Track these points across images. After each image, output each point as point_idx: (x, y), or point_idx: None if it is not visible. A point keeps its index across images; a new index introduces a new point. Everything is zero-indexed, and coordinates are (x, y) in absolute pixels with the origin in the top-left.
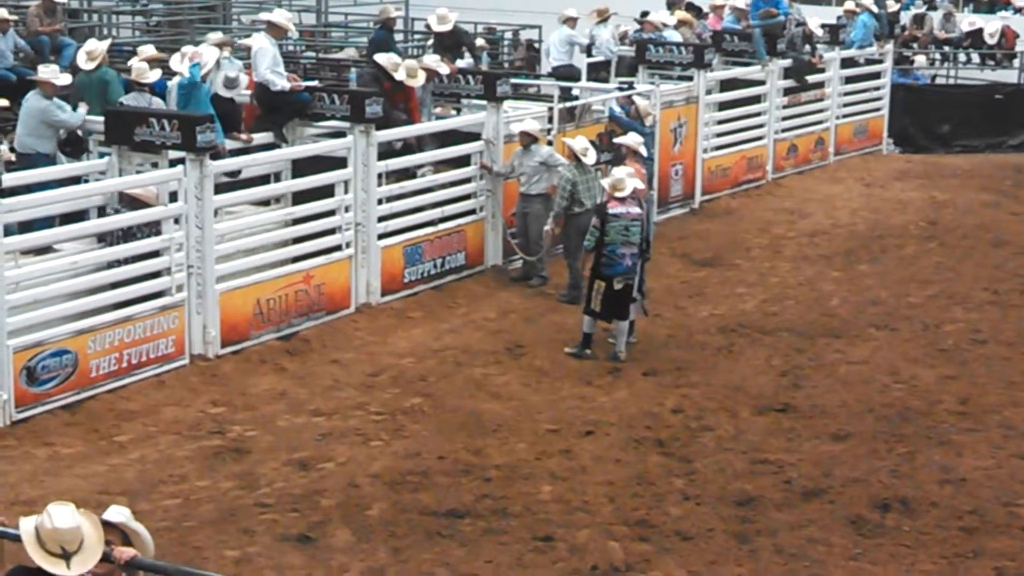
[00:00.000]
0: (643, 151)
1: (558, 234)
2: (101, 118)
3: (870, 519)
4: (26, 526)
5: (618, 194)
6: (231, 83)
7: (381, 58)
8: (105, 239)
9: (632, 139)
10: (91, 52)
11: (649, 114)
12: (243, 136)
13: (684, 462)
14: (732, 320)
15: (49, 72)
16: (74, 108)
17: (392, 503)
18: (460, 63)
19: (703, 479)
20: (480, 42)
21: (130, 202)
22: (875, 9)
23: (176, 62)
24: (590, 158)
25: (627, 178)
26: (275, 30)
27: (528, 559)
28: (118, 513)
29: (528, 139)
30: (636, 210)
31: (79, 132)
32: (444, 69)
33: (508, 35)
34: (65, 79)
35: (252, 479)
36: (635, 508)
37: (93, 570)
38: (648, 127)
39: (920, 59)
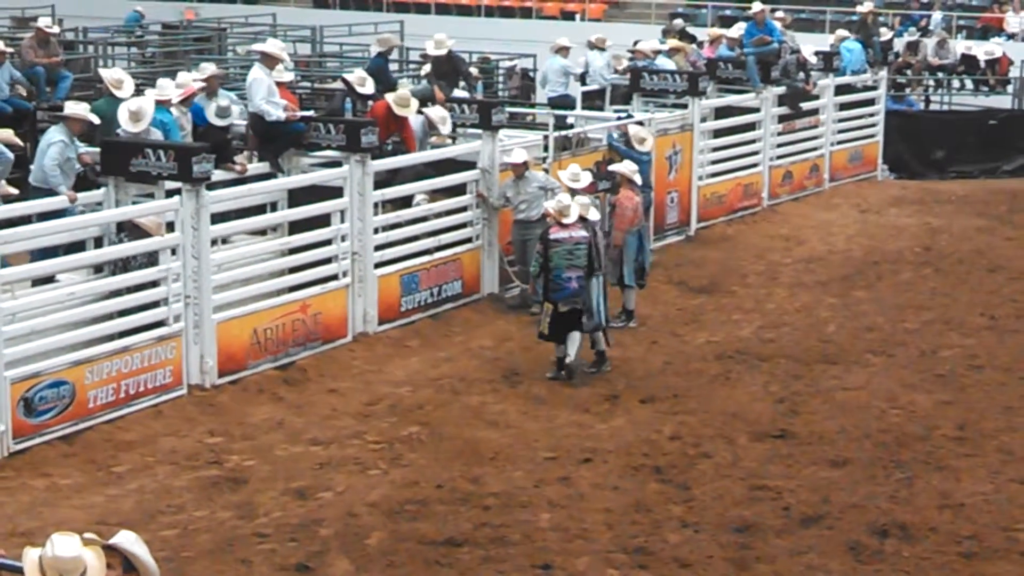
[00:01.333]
0: (638, 179)
1: None
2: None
3: (869, 545)
4: (30, 555)
5: (564, 220)
6: (223, 112)
7: (350, 76)
8: (102, 269)
9: (627, 167)
10: (115, 82)
11: (644, 139)
12: (237, 167)
13: (682, 489)
14: (729, 347)
15: (80, 109)
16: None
17: (390, 532)
18: (457, 92)
19: (701, 506)
20: (474, 71)
21: (132, 229)
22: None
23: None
24: (582, 182)
25: (574, 204)
26: (269, 60)
27: None
28: (125, 538)
29: (520, 168)
30: (581, 234)
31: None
32: (446, 128)
33: (504, 64)
34: (95, 118)
35: (250, 509)
36: (633, 535)
37: None
38: (645, 153)
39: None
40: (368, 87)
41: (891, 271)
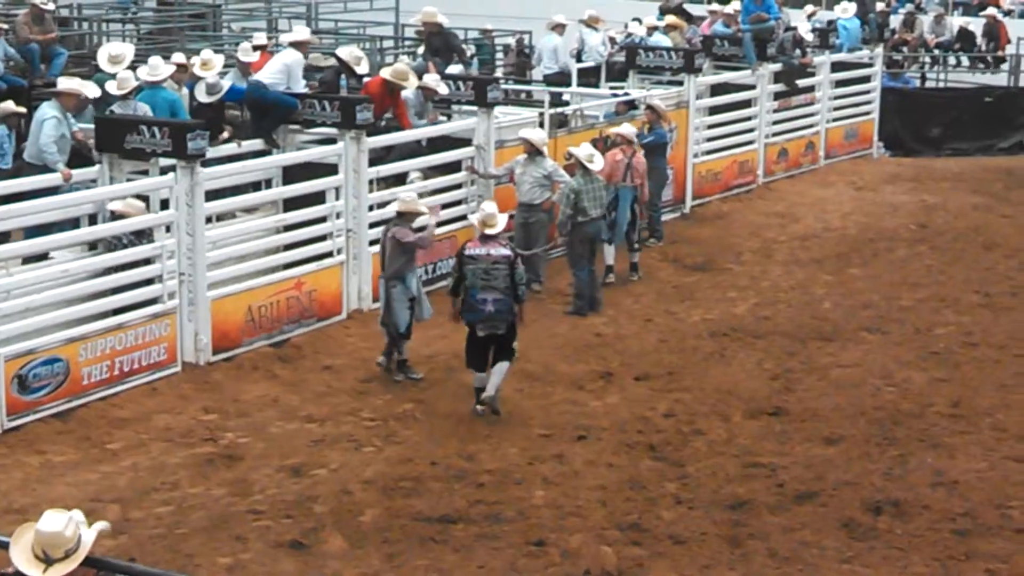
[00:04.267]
0: (634, 140)
1: (563, 244)
2: None
3: (862, 522)
4: (21, 529)
5: (488, 231)
6: (212, 89)
7: (343, 51)
8: (96, 247)
9: (626, 129)
10: (116, 56)
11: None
12: (224, 135)
13: (676, 466)
14: (724, 324)
15: (74, 84)
16: None
17: (385, 509)
18: (452, 68)
19: (695, 483)
20: (468, 48)
21: (115, 218)
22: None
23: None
24: (596, 164)
25: (498, 214)
26: (302, 46)
27: (521, 564)
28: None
29: (531, 148)
30: (501, 252)
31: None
32: (443, 89)
33: (500, 41)
34: (94, 91)
35: (245, 486)
36: (627, 512)
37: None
38: (669, 130)
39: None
40: (363, 67)
41: (886, 248)
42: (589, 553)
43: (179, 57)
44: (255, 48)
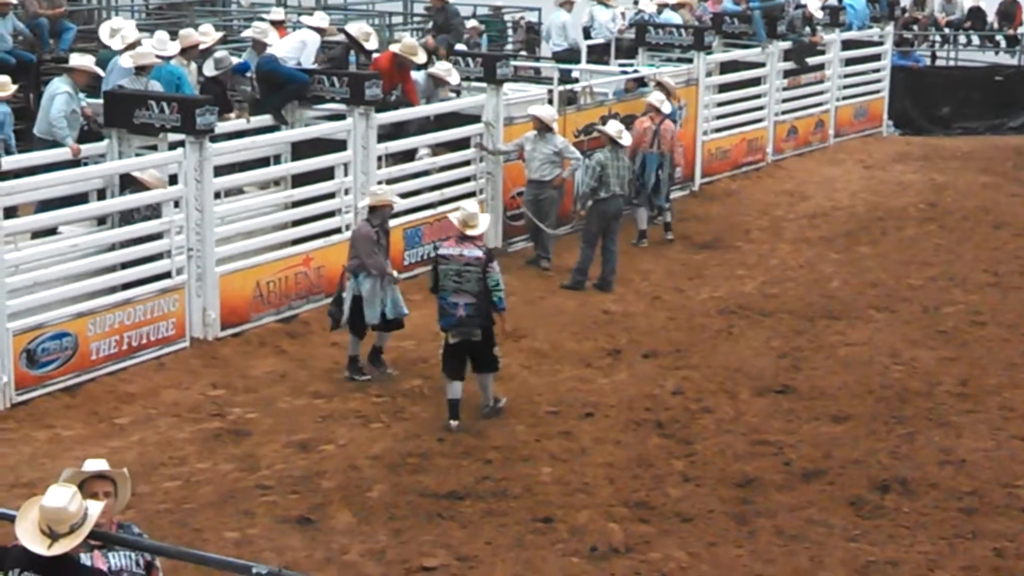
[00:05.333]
0: (665, 108)
1: (583, 216)
2: None
3: (870, 500)
4: (28, 504)
5: (469, 231)
6: (220, 63)
7: (352, 27)
8: (105, 221)
9: (655, 97)
10: (118, 30)
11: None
12: (231, 115)
13: (684, 444)
14: (732, 302)
15: (86, 60)
16: None
17: (392, 485)
18: (459, 46)
19: (703, 461)
20: (473, 23)
21: (132, 184)
22: None
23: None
24: (625, 140)
25: (480, 215)
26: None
27: (528, 540)
28: (100, 464)
29: (541, 125)
30: (474, 254)
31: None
32: (454, 79)
33: (509, 17)
34: (101, 71)
35: (252, 461)
36: (635, 490)
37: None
38: (678, 108)
39: None
40: (372, 42)
41: (895, 227)
42: (596, 530)
43: (190, 35)
44: (273, 24)
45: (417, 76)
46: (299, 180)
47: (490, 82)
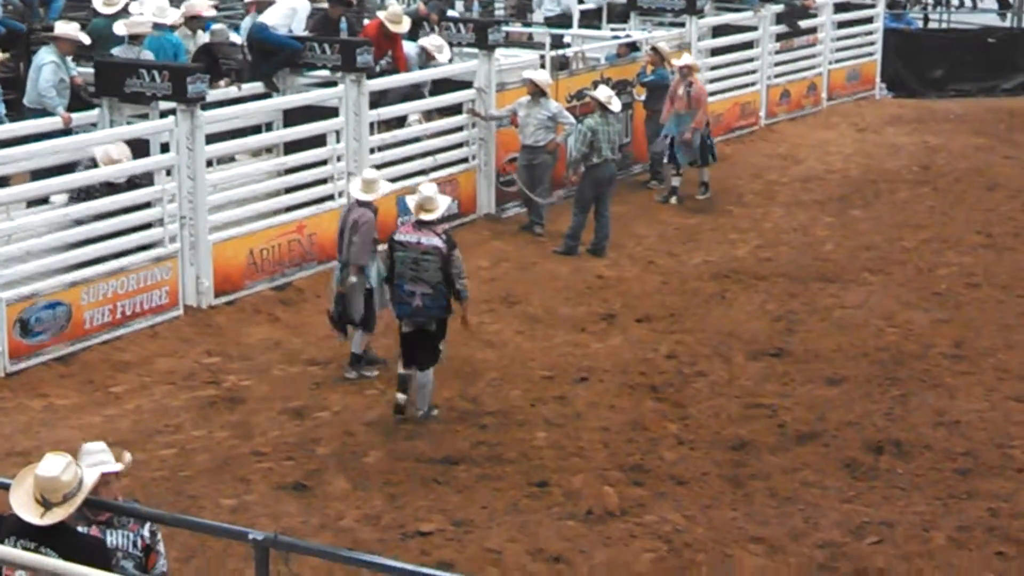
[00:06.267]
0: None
1: (575, 181)
2: None
3: (864, 462)
4: (23, 472)
5: (424, 216)
6: (216, 34)
7: (382, 13)
8: (93, 194)
9: (687, 58)
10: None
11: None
12: (221, 84)
13: (678, 407)
14: (725, 266)
15: (70, 29)
16: None
17: (388, 451)
18: (452, 12)
19: (697, 424)
20: None
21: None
22: None
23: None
24: (615, 105)
25: (438, 198)
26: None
27: (523, 505)
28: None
29: (535, 89)
30: (432, 242)
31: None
32: (444, 56)
33: None
34: (85, 38)
35: (247, 428)
36: (629, 453)
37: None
38: (671, 72)
39: None
40: (405, 25)
41: (889, 190)
42: (591, 493)
43: (193, 6)
44: None
45: (409, 50)
46: (291, 147)
47: (482, 48)
